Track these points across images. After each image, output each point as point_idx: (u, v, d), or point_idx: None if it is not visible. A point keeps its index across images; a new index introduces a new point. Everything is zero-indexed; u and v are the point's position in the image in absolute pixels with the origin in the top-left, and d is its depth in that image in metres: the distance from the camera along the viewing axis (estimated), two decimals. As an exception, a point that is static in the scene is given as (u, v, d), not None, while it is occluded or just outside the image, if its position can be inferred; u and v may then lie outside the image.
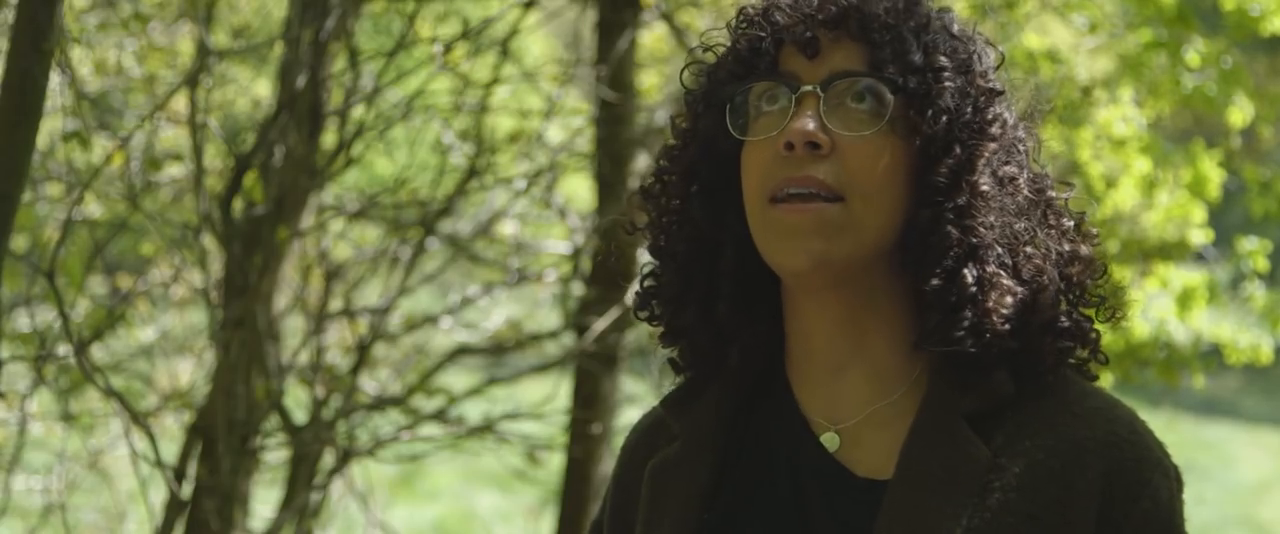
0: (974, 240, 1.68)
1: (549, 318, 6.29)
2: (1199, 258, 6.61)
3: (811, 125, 1.68)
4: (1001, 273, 1.68)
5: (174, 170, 5.09)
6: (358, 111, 4.50)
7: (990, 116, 1.72)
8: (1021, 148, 1.76)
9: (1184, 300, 6.17)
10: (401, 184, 4.87)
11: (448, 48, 4.45)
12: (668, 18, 5.61)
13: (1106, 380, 6.01)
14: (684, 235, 1.77)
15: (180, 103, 4.87)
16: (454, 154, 4.95)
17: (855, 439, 1.73)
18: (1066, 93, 5.89)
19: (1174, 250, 6.17)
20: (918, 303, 1.71)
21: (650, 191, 1.80)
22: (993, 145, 1.71)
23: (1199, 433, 14.70)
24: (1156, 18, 5.87)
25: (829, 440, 1.73)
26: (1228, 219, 8.29)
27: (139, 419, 4.06)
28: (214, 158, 5.09)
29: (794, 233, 1.68)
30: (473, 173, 4.75)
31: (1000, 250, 1.69)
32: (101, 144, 4.81)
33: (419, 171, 5.08)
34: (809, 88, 1.70)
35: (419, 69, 4.69)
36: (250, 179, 4.33)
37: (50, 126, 4.75)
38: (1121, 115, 6.07)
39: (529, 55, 6.61)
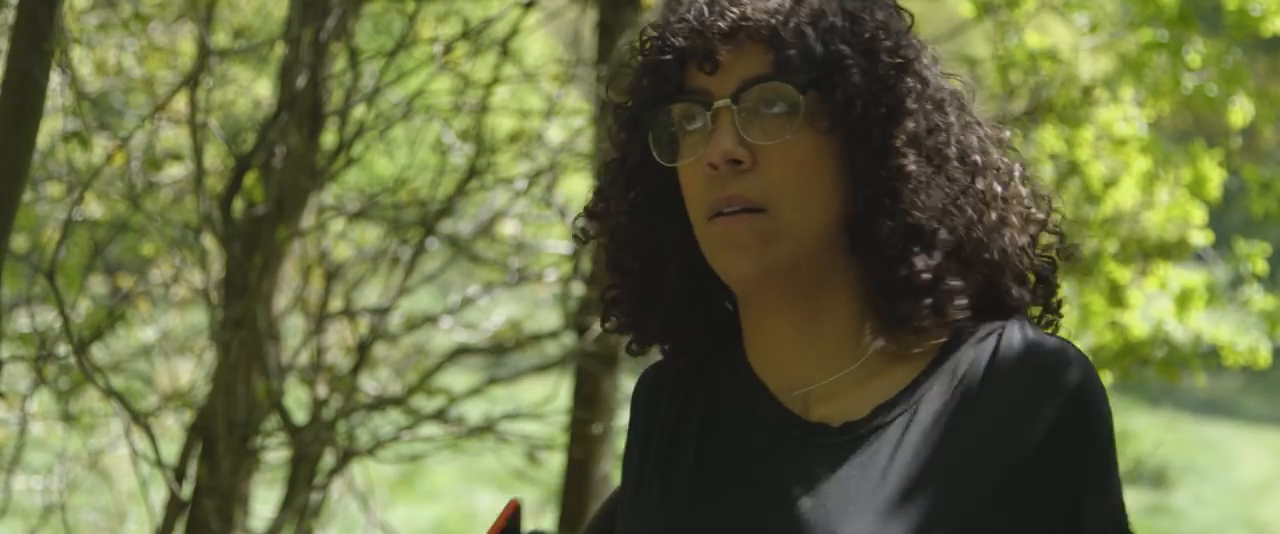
0: (910, 221, 1.70)
1: (549, 318, 6.29)
2: (1198, 258, 6.61)
3: (729, 143, 1.70)
4: (946, 251, 1.71)
5: (174, 170, 5.08)
6: (358, 111, 4.50)
7: (903, 91, 1.72)
8: (951, 111, 1.76)
9: (1183, 301, 6.17)
10: (401, 184, 4.87)
11: (448, 48, 4.45)
12: (668, 18, 5.60)
13: (1105, 380, 6.01)
14: (634, 252, 1.80)
15: (180, 103, 4.87)
16: (454, 154, 4.95)
17: (809, 398, 1.77)
18: (1067, 92, 5.89)
19: (1173, 250, 6.17)
20: (873, 286, 1.74)
21: (594, 210, 1.83)
22: (910, 124, 1.71)
23: (1199, 433, 14.70)
24: (1157, 18, 5.87)
25: (787, 400, 1.78)
26: (1228, 219, 8.29)
27: (139, 419, 4.06)
28: (214, 158, 5.09)
29: (733, 245, 1.71)
30: (473, 173, 4.75)
31: (942, 227, 1.71)
32: (101, 144, 4.81)
33: (419, 171, 5.08)
34: (722, 103, 1.71)
35: (419, 69, 4.70)
36: (250, 179, 4.33)
37: (50, 126, 4.76)
38: (1122, 115, 6.07)
39: (529, 55, 6.60)
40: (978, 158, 1.75)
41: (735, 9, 1.72)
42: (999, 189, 1.76)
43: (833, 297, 1.75)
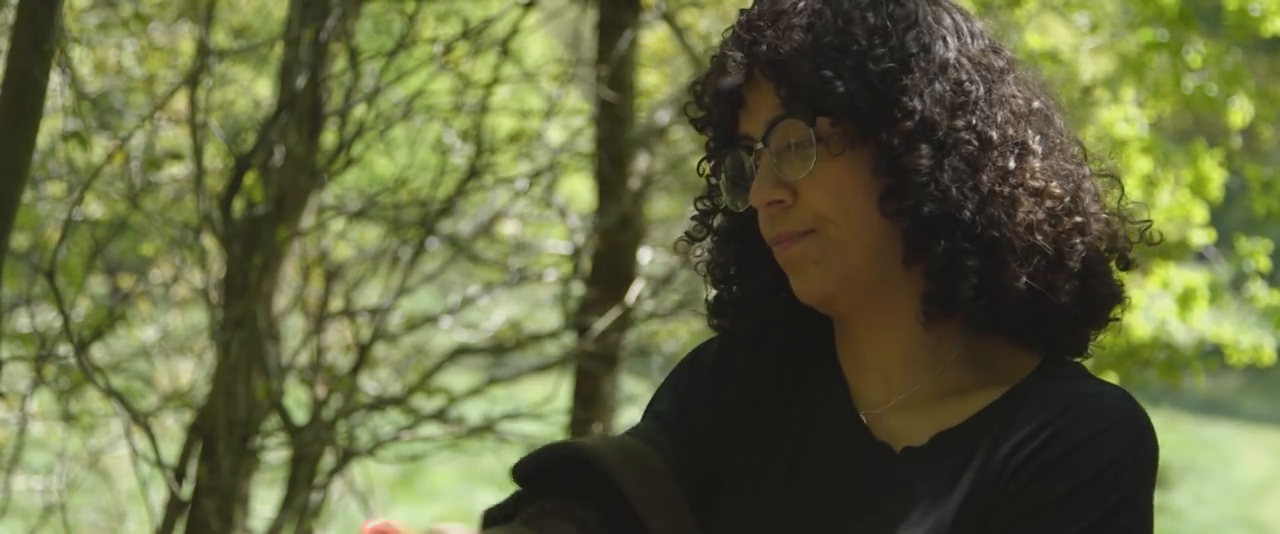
0: (924, 214, 1.73)
1: (549, 318, 6.29)
2: (1200, 258, 6.61)
3: (766, 187, 1.77)
4: (964, 235, 1.73)
5: (174, 170, 5.09)
6: (358, 111, 4.50)
7: (901, 88, 1.74)
8: (975, 87, 1.77)
9: (1185, 301, 6.17)
10: (401, 184, 4.87)
11: (448, 48, 4.45)
12: (668, 18, 5.61)
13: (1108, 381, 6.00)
14: (724, 270, 1.87)
15: (180, 103, 4.87)
16: (454, 154, 4.95)
17: (893, 417, 1.80)
18: (1067, 93, 5.89)
19: (1175, 250, 6.17)
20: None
21: (694, 235, 1.90)
22: (908, 124, 1.74)
23: (1199, 433, 14.71)
24: (1158, 18, 5.87)
25: (868, 418, 1.81)
26: (1229, 219, 8.29)
27: (139, 419, 4.06)
28: (214, 158, 5.10)
29: (795, 268, 1.78)
30: (473, 173, 4.75)
31: (956, 213, 1.73)
32: (101, 144, 4.81)
33: (419, 171, 5.08)
34: (760, 147, 1.78)
35: (419, 69, 4.70)
36: (250, 179, 4.33)
37: (50, 126, 4.75)
38: (1123, 115, 6.07)
39: (529, 55, 6.60)
40: (994, 133, 1.76)
41: (739, 51, 1.79)
42: (1012, 164, 1.76)
43: (906, 307, 1.77)
